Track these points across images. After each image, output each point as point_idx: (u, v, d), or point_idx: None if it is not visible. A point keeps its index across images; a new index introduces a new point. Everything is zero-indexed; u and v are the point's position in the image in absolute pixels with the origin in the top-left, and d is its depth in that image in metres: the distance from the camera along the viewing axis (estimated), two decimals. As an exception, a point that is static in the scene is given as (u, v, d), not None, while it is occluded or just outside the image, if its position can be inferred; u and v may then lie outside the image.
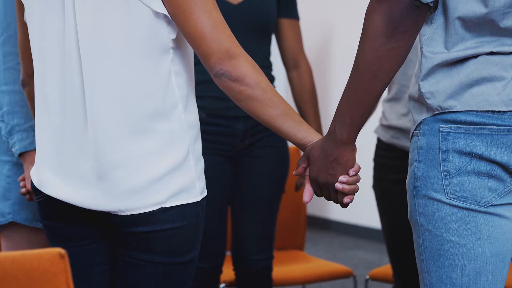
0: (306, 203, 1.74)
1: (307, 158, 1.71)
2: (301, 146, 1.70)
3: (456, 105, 1.55)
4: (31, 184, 1.73)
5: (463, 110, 1.55)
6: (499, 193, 1.56)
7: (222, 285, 2.83)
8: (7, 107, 2.02)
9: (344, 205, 1.71)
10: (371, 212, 3.11)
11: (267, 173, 2.61)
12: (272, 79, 2.64)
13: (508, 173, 1.55)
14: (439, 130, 1.57)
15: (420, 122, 1.61)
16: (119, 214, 1.60)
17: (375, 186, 2.77)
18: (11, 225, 2.08)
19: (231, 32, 1.61)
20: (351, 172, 1.68)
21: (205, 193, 1.69)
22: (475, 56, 1.55)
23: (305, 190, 1.74)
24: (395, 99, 2.68)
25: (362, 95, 1.59)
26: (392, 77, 1.59)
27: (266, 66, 2.61)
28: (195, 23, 1.57)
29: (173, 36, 1.61)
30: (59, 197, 1.65)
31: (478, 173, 1.55)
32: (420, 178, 1.60)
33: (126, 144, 1.60)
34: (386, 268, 3.01)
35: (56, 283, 1.13)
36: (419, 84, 1.59)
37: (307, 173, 1.73)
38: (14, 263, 1.13)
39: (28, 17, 1.69)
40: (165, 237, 1.62)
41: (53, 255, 1.12)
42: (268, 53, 2.62)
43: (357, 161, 1.70)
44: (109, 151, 1.60)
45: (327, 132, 1.67)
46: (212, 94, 2.49)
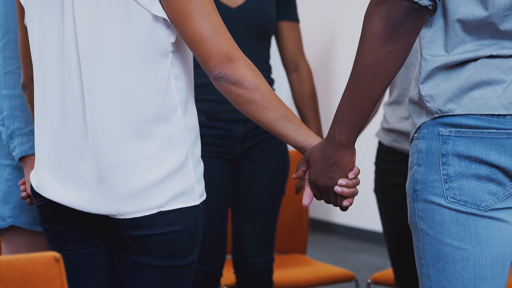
0: (306, 206, 1.74)
1: (306, 161, 1.71)
2: (301, 149, 1.70)
3: (456, 108, 1.55)
4: (31, 187, 1.73)
5: (463, 113, 1.54)
6: (499, 197, 1.55)
7: (223, 288, 2.83)
8: (8, 111, 2.03)
9: (344, 209, 1.71)
10: (375, 215, 3.10)
11: (267, 176, 2.61)
12: (272, 82, 2.64)
13: (508, 177, 1.55)
14: (439, 133, 1.57)
15: (420, 126, 1.60)
16: (118, 217, 1.60)
17: (376, 189, 2.76)
18: (12, 228, 2.08)
19: (230, 36, 1.61)
20: (351, 175, 1.67)
21: (204, 197, 1.69)
22: (475, 59, 1.54)
23: (305, 193, 1.73)
24: (397, 103, 2.68)
25: (361, 98, 1.59)
26: (391, 80, 1.58)
27: (266, 69, 2.61)
28: (194, 26, 1.57)
29: (173, 39, 1.61)
30: (58, 200, 1.65)
31: (478, 177, 1.54)
32: (419, 181, 1.60)
33: (125, 148, 1.60)
34: (388, 272, 3.01)
35: (52, 286, 1.12)
36: (418, 87, 1.59)
37: (306, 176, 1.73)
38: (9, 266, 1.13)
39: (28, 20, 1.69)
40: (164, 241, 1.62)
41: (48, 259, 1.12)
42: (267, 56, 2.62)
43: (360, 164, 1.70)
44: (109, 155, 1.60)
45: (327, 135, 1.67)
46: (211, 98, 2.49)
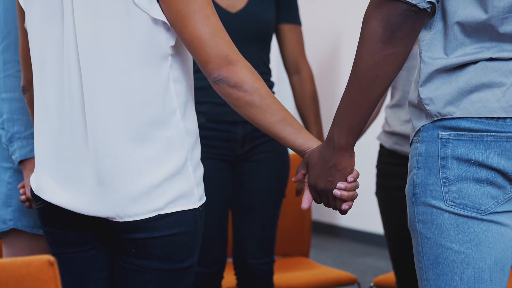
0: (305, 209, 1.73)
1: (306, 164, 1.71)
2: (300, 152, 1.70)
3: (455, 111, 1.54)
4: (31, 190, 1.73)
5: (462, 116, 1.53)
6: (499, 200, 1.54)
7: (224, 290, 2.83)
8: (7, 115, 2.03)
9: (343, 212, 1.70)
10: (380, 218, 3.10)
11: (267, 178, 2.61)
12: (272, 85, 2.65)
13: (508, 180, 1.54)
14: (438, 136, 1.56)
15: (420, 129, 1.60)
16: (117, 220, 1.60)
17: (378, 193, 2.76)
18: (13, 231, 2.07)
19: (229, 38, 1.61)
20: (350, 178, 1.67)
21: (203, 200, 1.68)
22: (474, 62, 1.54)
23: (304, 197, 1.73)
24: (398, 105, 2.67)
25: (361, 100, 1.58)
26: (390, 82, 1.58)
27: (266, 73, 2.62)
28: (194, 29, 1.57)
29: (172, 43, 1.61)
30: (58, 203, 1.65)
31: (478, 180, 1.54)
32: (419, 185, 1.59)
33: (125, 151, 1.59)
34: (391, 275, 3.00)
35: (46, 290, 1.13)
36: (418, 90, 1.58)
37: (306, 180, 1.72)
38: (4, 270, 1.13)
39: (28, 23, 1.69)
40: (164, 244, 1.62)
41: (42, 263, 1.12)
42: (267, 60, 2.63)
43: (365, 167, 1.69)
44: (108, 158, 1.59)
45: (326, 138, 1.66)
46: (212, 100, 2.50)
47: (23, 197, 2.00)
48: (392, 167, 2.67)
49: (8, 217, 2.06)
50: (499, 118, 1.52)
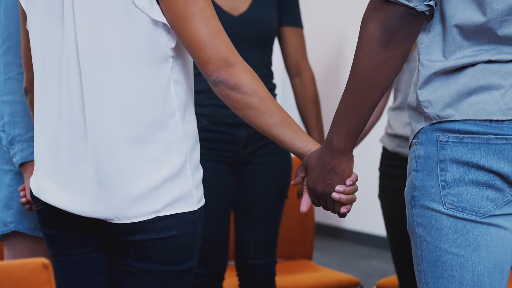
0: (304, 212, 1.73)
1: (305, 167, 1.70)
2: (299, 155, 1.70)
3: (454, 114, 1.53)
4: (30, 192, 1.73)
5: (461, 119, 1.53)
6: (498, 203, 1.54)
7: (225, 292, 2.83)
8: (8, 117, 2.03)
9: (342, 215, 1.70)
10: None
11: (269, 179, 2.61)
12: (273, 87, 2.65)
13: (507, 183, 1.53)
14: (437, 139, 1.55)
15: (418, 131, 1.59)
16: (116, 222, 1.60)
17: (380, 195, 2.75)
18: (14, 234, 2.08)
19: (229, 41, 1.61)
20: (348, 181, 1.66)
21: (202, 202, 1.68)
22: (473, 65, 1.53)
23: (303, 200, 1.73)
24: (401, 108, 2.67)
25: (359, 103, 1.58)
26: (389, 85, 1.57)
27: (268, 75, 2.62)
28: (193, 31, 1.57)
29: (172, 44, 1.61)
30: (57, 204, 1.65)
31: (476, 183, 1.53)
32: (418, 188, 1.59)
33: (124, 153, 1.59)
34: (394, 278, 2.99)
35: (41, 293, 1.12)
36: (416, 93, 1.58)
37: (305, 183, 1.72)
38: (-1, 272, 1.13)
39: (29, 24, 1.69)
40: (162, 246, 1.62)
41: (36, 265, 1.12)
42: (269, 63, 2.63)
43: (370, 169, 1.69)
44: (108, 159, 1.59)
45: (324, 142, 1.66)
46: (214, 103, 2.50)
47: (24, 199, 2.01)
48: (395, 169, 2.66)
49: (9, 219, 2.06)
50: (497, 120, 1.51)
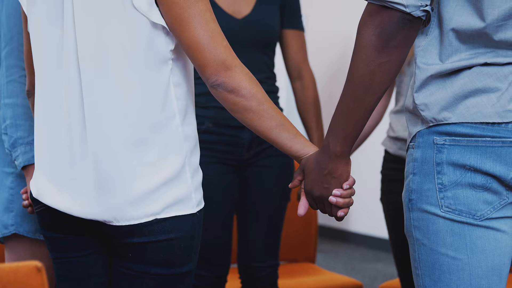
0: (301, 216, 1.73)
1: (302, 170, 1.71)
2: (297, 158, 1.70)
3: (451, 117, 1.53)
4: (30, 194, 1.74)
5: (458, 122, 1.53)
6: (495, 206, 1.53)
7: (227, 294, 2.83)
8: (10, 120, 2.03)
9: (339, 219, 1.70)
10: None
11: (272, 182, 2.61)
12: (276, 90, 2.65)
13: (504, 186, 1.53)
14: (434, 142, 1.55)
15: (415, 134, 1.59)
16: (114, 224, 1.60)
17: (382, 198, 2.75)
18: (14, 236, 2.08)
19: (228, 44, 1.61)
20: (345, 185, 1.66)
21: (202, 205, 1.68)
22: (469, 67, 1.53)
23: (300, 203, 1.73)
24: (403, 111, 2.66)
25: (355, 108, 1.58)
26: (385, 90, 1.57)
27: (271, 78, 2.63)
28: (192, 34, 1.57)
29: (172, 47, 1.61)
30: (55, 206, 1.65)
31: (473, 186, 1.53)
32: (415, 191, 1.58)
33: (123, 155, 1.60)
34: (397, 281, 2.99)
35: (34, 296, 1.13)
36: (413, 96, 1.58)
37: (302, 186, 1.72)
38: (-8, 275, 1.13)
39: (30, 27, 1.70)
40: (160, 248, 1.62)
41: (29, 269, 1.12)
42: (272, 65, 2.64)
43: (375, 172, 1.69)
44: (107, 161, 1.60)
45: (322, 145, 1.66)
46: (217, 105, 2.50)
47: (26, 202, 2.01)
48: (397, 172, 2.65)
49: (10, 222, 2.06)
50: (494, 123, 1.51)
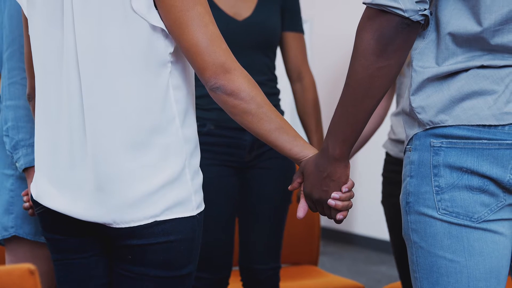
0: (300, 218, 1.73)
1: (301, 173, 1.71)
2: (297, 160, 1.70)
3: (447, 119, 1.53)
4: (31, 196, 1.74)
5: (454, 124, 1.53)
6: (492, 208, 1.53)
7: (229, 297, 2.83)
8: (12, 122, 2.03)
9: (338, 222, 1.70)
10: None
11: (273, 184, 2.61)
12: (278, 92, 2.65)
13: (501, 188, 1.52)
14: (431, 145, 1.55)
15: (412, 137, 1.59)
16: (114, 226, 1.61)
17: (384, 201, 2.74)
18: (15, 239, 2.08)
19: (227, 46, 1.61)
20: (344, 188, 1.66)
21: (202, 208, 1.68)
22: (465, 70, 1.53)
23: (299, 205, 1.73)
24: (403, 113, 2.65)
25: (354, 112, 1.58)
26: (384, 94, 1.57)
27: (272, 80, 2.63)
28: (191, 37, 1.57)
29: (171, 50, 1.61)
30: (56, 208, 1.66)
31: (470, 188, 1.53)
32: (412, 193, 1.58)
33: (123, 157, 1.60)
34: (398, 284, 2.98)
35: (27, 299, 1.13)
36: (409, 99, 1.58)
37: (302, 188, 1.72)
38: (-14, 278, 1.13)
39: (30, 30, 1.71)
40: (160, 251, 1.62)
41: (22, 272, 1.12)
42: (273, 67, 2.64)
43: (378, 174, 1.68)
44: (106, 164, 1.60)
45: (321, 148, 1.66)
46: (218, 107, 2.50)
47: (27, 204, 2.01)
48: (398, 175, 2.63)
49: (10, 224, 2.07)
50: (490, 125, 1.51)
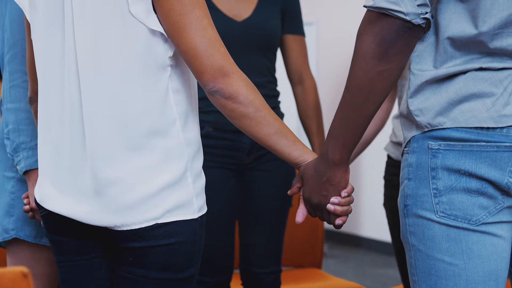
0: (299, 223, 1.72)
1: (301, 177, 1.70)
2: (296, 165, 1.69)
3: (445, 121, 1.52)
4: (34, 199, 1.75)
5: (452, 126, 1.52)
6: (491, 211, 1.52)
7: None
8: (13, 125, 2.03)
9: (337, 227, 1.69)
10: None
11: (273, 186, 2.61)
12: (277, 94, 2.65)
13: (499, 190, 1.52)
14: (428, 147, 1.54)
15: (410, 140, 1.58)
16: (116, 229, 1.61)
17: (386, 204, 2.73)
18: (15, 241, 2.08)
19: (226, 50, 1.61)
20: (344, 193, 1.65)
21: (204, 211, 1.67)
22: (464, 72, 1.52)
23: (298, 210, 1.72)
24: (405, 116, 2.64)
25: (354, 116, 1.57)
26: (384, 98, 1.56)
27: (272, 82, 2.62)
28: (190, 40, 1.57)
29: (170, 53, 1.61)
30: (59, 211, 1.66)
31: (468, 191, 1.52)
32: (410, 196, 1.58)
33: (122, 161, 1.60)
34: (400, 287, 2.97)
35: (21, 302, 1.13)
36: (407, 102, 1.57)
37: (301, 193, 1.72)
38: (-21, 281, 1.13)
39: (32, 34, 1.71)
40: (161, 253, 1.62)
41: (15, 275, 1.12)
42: (273, 69, 2.63)
43: (382, 177, 1.67)
44: (105, 167, 1.60)
45: (320, 153, 1.66)
46: (216, 109, 2.49)
47: (27, 207, 2.01)
48: (399, 178, 2.64)
49: (11, 226, 2.07)
50: (488, 128, 1.50)
